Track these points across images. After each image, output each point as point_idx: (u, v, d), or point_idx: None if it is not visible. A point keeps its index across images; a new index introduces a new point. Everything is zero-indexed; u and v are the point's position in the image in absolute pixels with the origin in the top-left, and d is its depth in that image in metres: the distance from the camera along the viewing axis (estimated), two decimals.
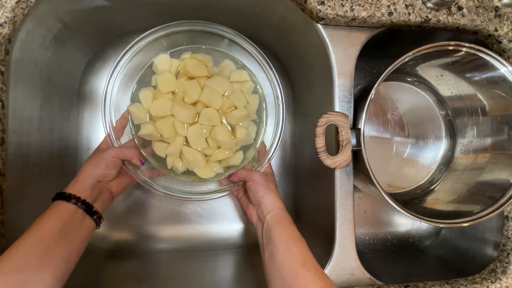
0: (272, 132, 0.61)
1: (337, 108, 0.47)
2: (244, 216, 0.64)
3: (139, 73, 0.52)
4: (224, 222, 0.63)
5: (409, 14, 0.46)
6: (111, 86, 0.48)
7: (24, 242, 0.34)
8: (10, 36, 0.40)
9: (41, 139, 0.49)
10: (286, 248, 0.37)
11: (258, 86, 0.59)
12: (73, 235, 0.37)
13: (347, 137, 0.44)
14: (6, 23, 0.40)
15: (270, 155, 0.60)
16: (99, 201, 0.42)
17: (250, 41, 0.54)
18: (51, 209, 0.37)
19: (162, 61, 0.50)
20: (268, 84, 0.59)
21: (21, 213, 0.43)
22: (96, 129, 0.61)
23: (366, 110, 0.44)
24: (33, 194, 0.47)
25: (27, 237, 0.34)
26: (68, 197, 0.38)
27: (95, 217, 0.40)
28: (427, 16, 0.46)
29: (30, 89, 0.46)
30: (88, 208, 0.39)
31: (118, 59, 0.49)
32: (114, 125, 0.47)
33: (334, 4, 0.45)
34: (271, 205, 0.43)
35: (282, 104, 0.60)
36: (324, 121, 0.44)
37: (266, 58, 0.56)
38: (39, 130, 0.48)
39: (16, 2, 0.40)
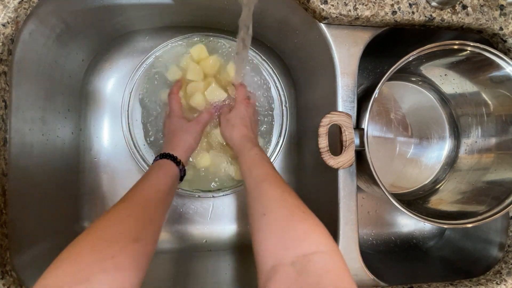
0: (277, 133, 0.61)
1: (340, 108, 0.47)
2: (246, 217, 0.63)
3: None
4: (226, 223, 0.63)
5: (413, 13, 0.46)
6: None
7: (146, 190, 0.39)
8: (13, 36, 0.40)
9: (44, 139, 0.49)
10: (249, 173, 0.42)
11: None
12: (172, 191, 0.44)
13: (350, 137, 0.44)
14: (8, 23, 0.40)
15: (274, 156, 0.59)
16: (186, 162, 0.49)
17: (255, 49, 0.57)
18: (165, 166, 0.44)
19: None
20: (272, 87, 0.59)
21: (24, 213, 0.44)
22: (98, 129, 0.61)
23: (370, 110, 0.44)
24: (36, 194, 0.47)
25: (148, 185, 0.40)
26: (178, 163, 0.46)
27: (182, 180, 0.48)
28: (431, 15, 0.46)
29: (32, 89, 0.46)
30: (184, 174, 0.47)
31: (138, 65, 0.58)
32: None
33: (337, 3, 0.44)
34: (230, 138, 0.51)
35: (286, 107, 0.60)
36: (327, 121, 0.43)
37: (270, 64, 0.58)
38: (41, 130, 0.48)
39: (19, 2, 0.40)
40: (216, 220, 0.63)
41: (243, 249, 0.62)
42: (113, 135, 0.61)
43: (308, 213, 0.35)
